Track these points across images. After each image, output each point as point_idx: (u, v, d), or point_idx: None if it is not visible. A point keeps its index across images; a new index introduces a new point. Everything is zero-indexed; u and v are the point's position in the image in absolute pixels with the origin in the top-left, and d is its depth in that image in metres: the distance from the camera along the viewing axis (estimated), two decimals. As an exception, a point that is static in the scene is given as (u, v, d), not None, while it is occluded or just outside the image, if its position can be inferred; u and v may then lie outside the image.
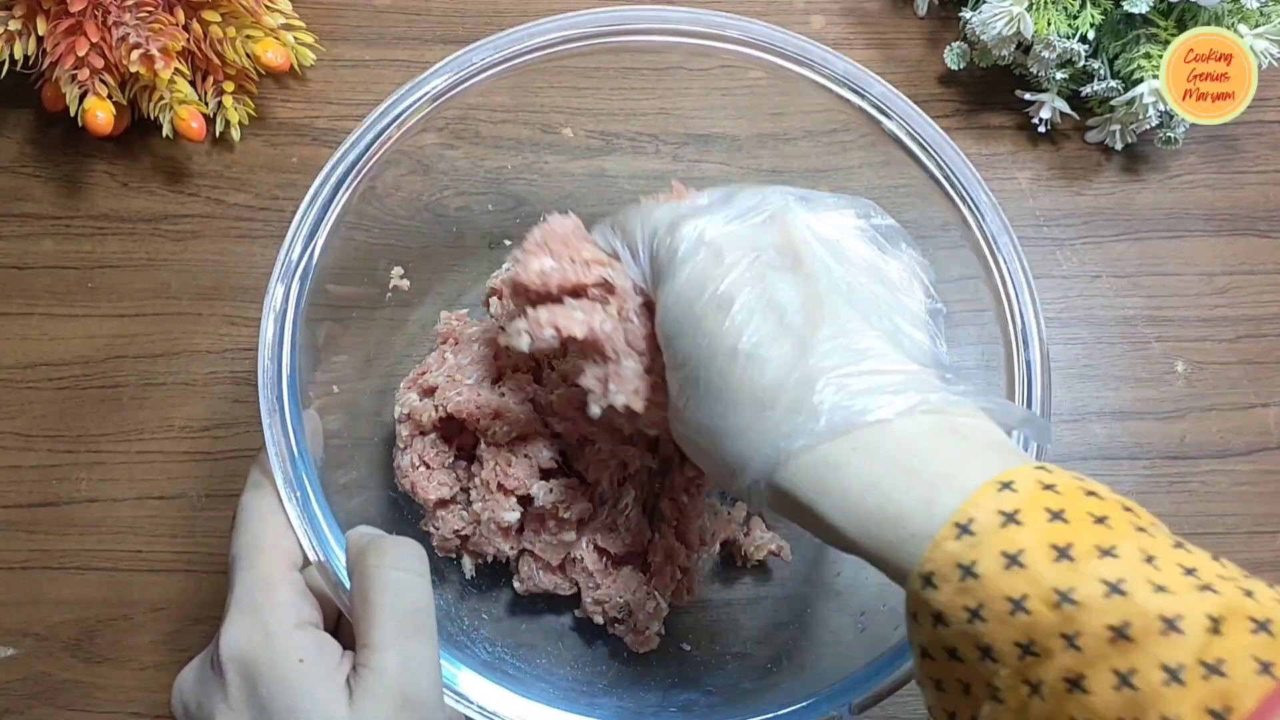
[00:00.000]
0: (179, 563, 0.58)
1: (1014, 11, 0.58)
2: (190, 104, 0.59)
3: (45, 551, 0.58)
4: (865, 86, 0.49)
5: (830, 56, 0.49)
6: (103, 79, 0.57)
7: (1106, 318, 0.61)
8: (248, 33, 0.61)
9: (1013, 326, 0.48)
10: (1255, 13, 0.57)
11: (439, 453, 0.52)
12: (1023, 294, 0.48)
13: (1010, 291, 0.48)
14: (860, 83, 0.49)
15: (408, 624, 0.39)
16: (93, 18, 0.56)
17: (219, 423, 0.60)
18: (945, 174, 0.49)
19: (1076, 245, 0.63)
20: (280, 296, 0.46)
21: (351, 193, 0.48)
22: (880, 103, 0.49)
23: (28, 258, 0.62)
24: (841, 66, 0.49)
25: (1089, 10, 0.58)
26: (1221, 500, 0.59)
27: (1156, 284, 0.62)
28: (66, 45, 0.56)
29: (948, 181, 0.49)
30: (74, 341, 0.60)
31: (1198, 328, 0.61)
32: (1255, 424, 0.60)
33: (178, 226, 0.62)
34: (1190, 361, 0.61)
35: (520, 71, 0.51)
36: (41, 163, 0.63)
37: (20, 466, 0.59)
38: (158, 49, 0.56)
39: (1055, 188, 0.64)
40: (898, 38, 0.66)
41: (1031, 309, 0.48)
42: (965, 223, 0.49)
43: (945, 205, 0.49)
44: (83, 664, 0.56)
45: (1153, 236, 0.63)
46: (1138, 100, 0.58)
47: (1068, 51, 0.59)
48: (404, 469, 0.52)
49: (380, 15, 0.66)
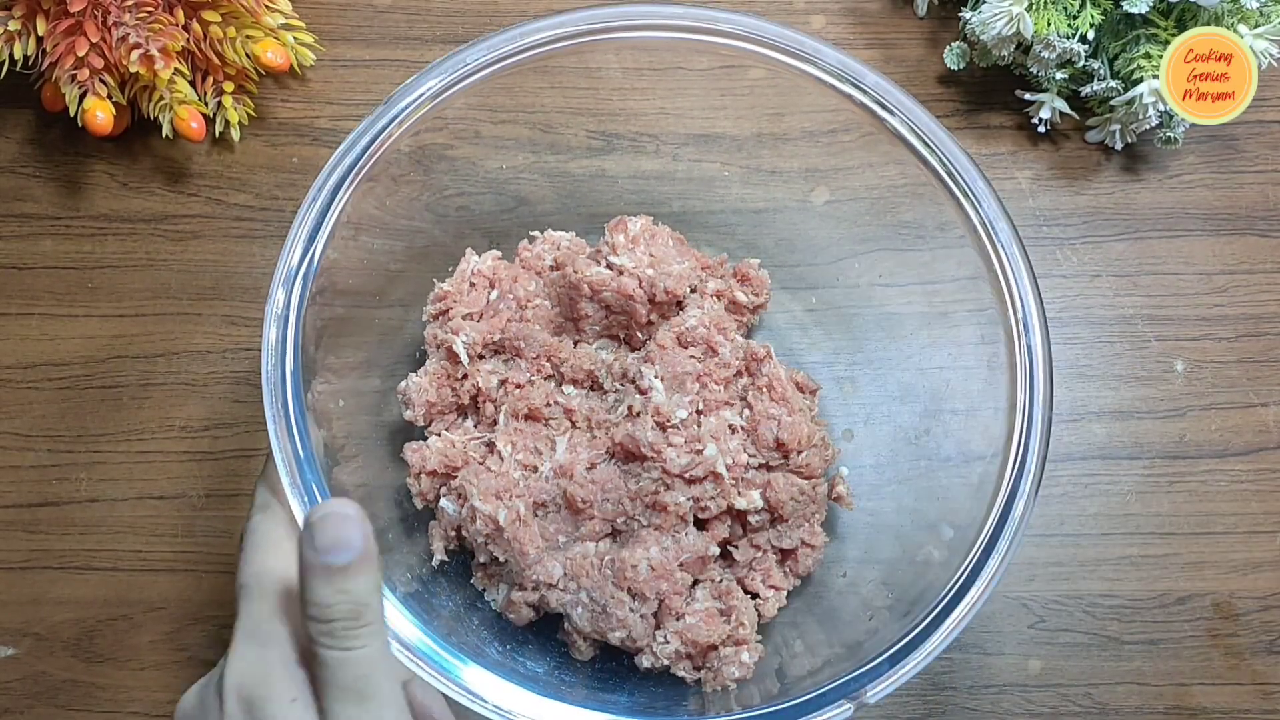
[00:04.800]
0: (179, 562, 0.58)
1: (1014, 11, 0.58)
2: (190, 104, 0.59)
3: (45, 551, 0.58)
4: (860, 78, 0.49)
5: (825, 48, 0.49)
6: (103, 79, 0.57)
7: (1106, 317, 0.62)
8: (248, 33, 0.61)
9: (1013, 313, 0.48)
10: (1255, 13, 0.57)
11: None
12: (1022, 280, 0.48)
13: (1010, 279, 0.48)
14: (856, 74, 0.49)
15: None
16: (92, 18, 0.56)
17: (219, 423, 0.60)
18: (944, 165, 0.49)
19: (1076, 245, 0.63)
20: (282, 301, 0.46)
21: (351, 193, 0.48)
22: (877, 94, 0.49)
23: (28, 258, 0.62)
24: (836, 58, 0.49)
25: (1089, 10, 0.58)
26: (1220, 499, 0.59)
27: (1156, 283, 0.62)
28: (66, 45, 0.56)
29: (946, 173, 0.49)
30: (74, 341, 0.60)
31: (1197, 327, 0.61)
32: (1254, 423, 0.60)
33: (178, 226, 0.62)
34: (1189, 361, 0.61)
35: (519, 71, 0.51)
36: (41, 163, 0.63)
37: (20, 466, 0.59)
38: (157, 49, 0.56)
39: (1055, 187, 0.64)
40: (897, 38, 0.66)
41: (1032, 295, 0.48)
42: (965, 216, 0.49)
43: (945, 200, 0.49)
44: (83, 664, 0.56)
45: (1152, 236, 0.63)
46: (1137, 100, 0.58)
47: (1067, 51, 0.59)
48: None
49: (380, 15, 0.66)
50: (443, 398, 0.54)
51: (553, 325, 0.55)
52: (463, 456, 0.53)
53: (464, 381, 0.54)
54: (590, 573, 0.50)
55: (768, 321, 0.60)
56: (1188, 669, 0.57)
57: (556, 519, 0.52)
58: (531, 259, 0.57)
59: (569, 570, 0.51)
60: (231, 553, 0.58)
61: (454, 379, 0.54)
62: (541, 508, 0.52)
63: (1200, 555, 0.59)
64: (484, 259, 0.56)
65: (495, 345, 0.55)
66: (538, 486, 0.52)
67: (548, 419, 0.54)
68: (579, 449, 0.53)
